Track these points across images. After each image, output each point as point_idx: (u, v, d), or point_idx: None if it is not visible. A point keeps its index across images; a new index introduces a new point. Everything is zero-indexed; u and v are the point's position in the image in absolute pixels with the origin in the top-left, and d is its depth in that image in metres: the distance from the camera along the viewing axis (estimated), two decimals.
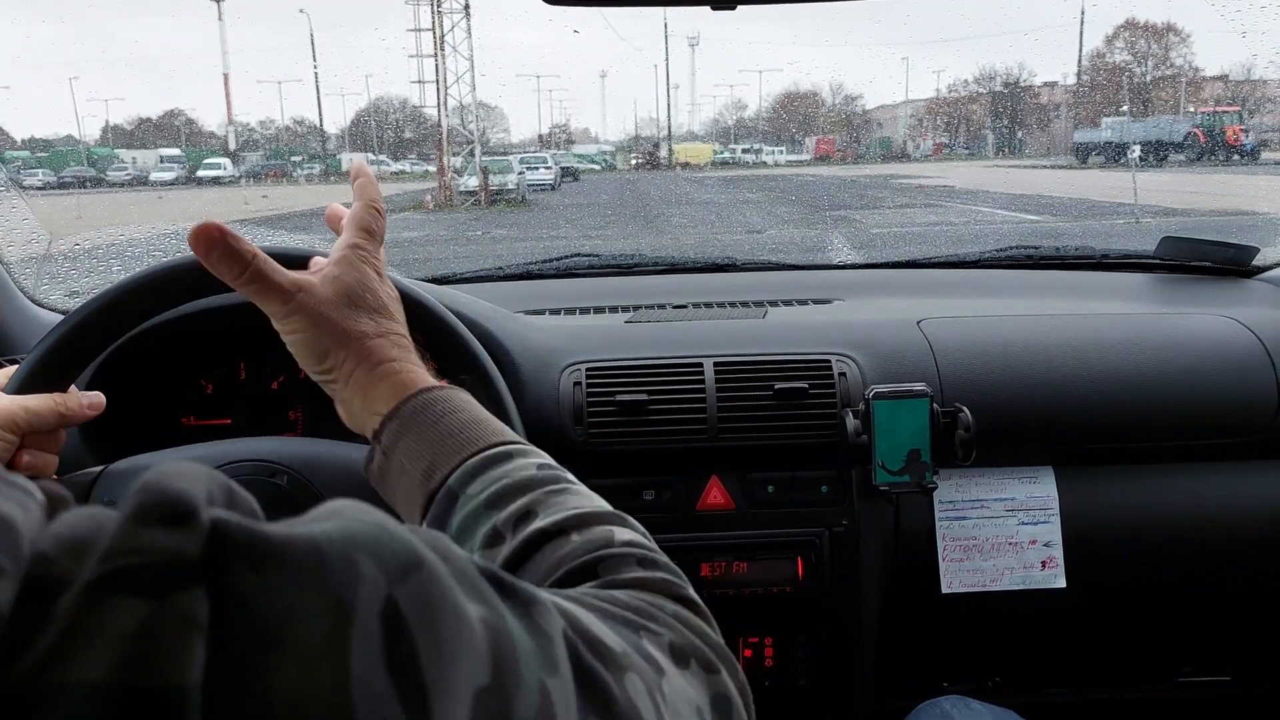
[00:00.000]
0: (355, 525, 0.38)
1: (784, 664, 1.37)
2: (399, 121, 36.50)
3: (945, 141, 41.19)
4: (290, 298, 0.76)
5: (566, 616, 0.47)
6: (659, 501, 1.33)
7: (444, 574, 0.39)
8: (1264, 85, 28.40)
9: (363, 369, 0.77)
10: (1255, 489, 1.42)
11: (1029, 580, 1.39)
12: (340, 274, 0.79)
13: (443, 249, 10.62)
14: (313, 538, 0.35)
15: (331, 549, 0.35)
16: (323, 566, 0.34)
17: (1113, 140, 25.80)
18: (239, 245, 0.73)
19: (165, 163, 27.77)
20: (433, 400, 0.74)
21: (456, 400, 0.75)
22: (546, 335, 1.40)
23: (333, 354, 0.77)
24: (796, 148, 42.24)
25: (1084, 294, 1.71)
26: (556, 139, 43.52)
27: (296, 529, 0.36)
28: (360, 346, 0.77)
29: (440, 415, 0.73)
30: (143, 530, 0.31)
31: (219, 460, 1.02)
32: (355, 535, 0.37)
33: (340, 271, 0.79)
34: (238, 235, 0.73)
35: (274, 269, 0.76)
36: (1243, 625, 1.56)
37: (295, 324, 0.77)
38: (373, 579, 0.35)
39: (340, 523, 0.38)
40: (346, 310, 0.78)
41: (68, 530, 0.32)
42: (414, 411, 0.73)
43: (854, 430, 1.27)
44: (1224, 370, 1.41)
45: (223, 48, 38.35)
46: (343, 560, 0.35)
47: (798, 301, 1.65)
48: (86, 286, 1.97)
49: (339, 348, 0.77)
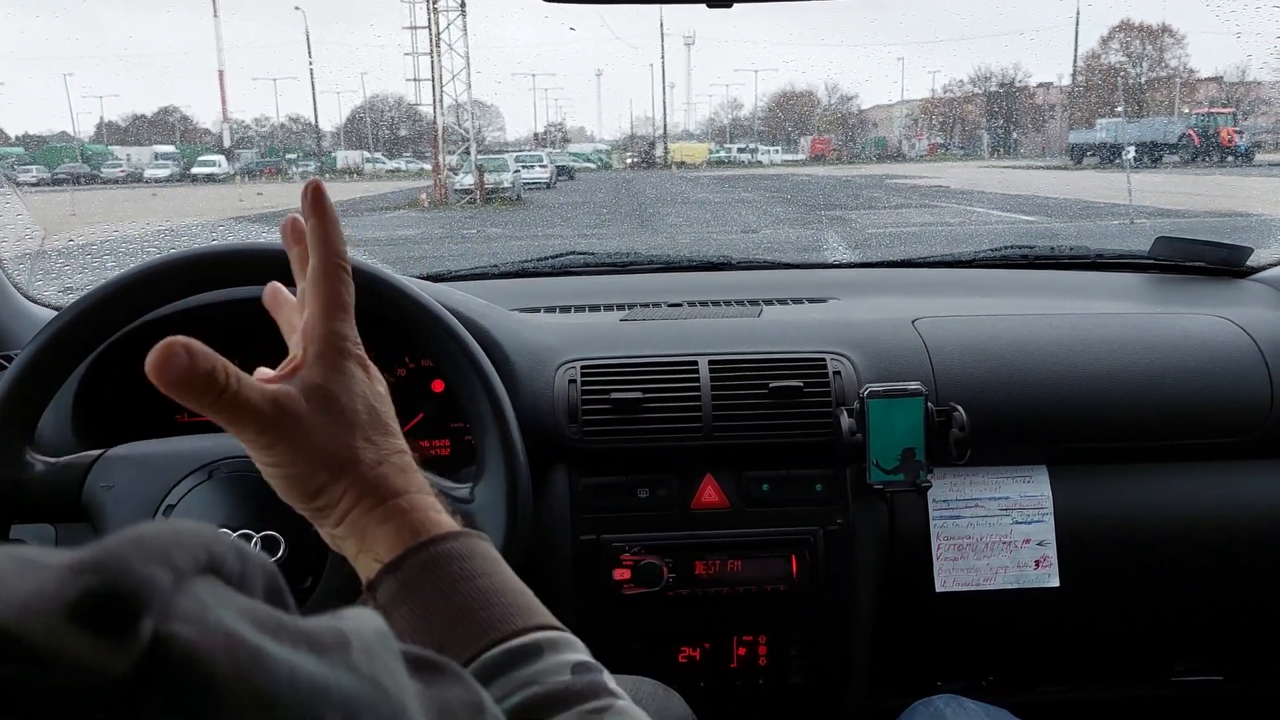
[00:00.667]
0: (346, 677, 0.31)
1: (778, 662, 1.37)
2: (394, 119, 36.48)
3: (940, 142, 41.27)
4: (271, 425, 0.61)
5: None
6: (653, 500, 1.33)
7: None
8: (1258, 87, 28.49)
9: (362, 507, 0.63)
10: (1249, 489, 1.42)
11: (1023, 579, 1.39)
12: (325, 382, 0.64)
13: (438, 247, 10.61)
14: (274, 680, 0.28)
15: (293, 702, 0.28)
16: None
17: (1107, 141, 25.85)
18: (209, 368, 0.57)
19: (160, 159, 27.73)
20: (446, 556, 0.60)
21: (476, 558, 0.61)
22: (541, 333, 1.40)
23: (327, 490, 0.63)
24: (792, 147, 42.30)
25: (1078, 294, 1.71)
26: (552, 137, 43.53)
27: (264, 657, 0.28)
28: (360, 479, 0.63)
29: (456, 580, 0.59)
30: (69, 629, 0.25)
31: (217, 454, 1.02)
32: (342, 689, 0.30)
33: (324, 379, 0.64)
34: (208, 352, 0.57)
35: (250, 392, 0.60)
36: (1236, 624, 1.57)
37: (279, 456, 0.62)
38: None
39: (333, 664, 0.31)
40: (339, 433, 0.63)
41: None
42: (423, 569, 0.59)
43: (848, 429, 1.27)
44: (1218, 370, 1.41)
45: (218, 44, 38.32)
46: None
47: (793, 300, 1.65)
48: (81, 283, 1.96)
49: (334, 482, 0.63)
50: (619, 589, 1.31)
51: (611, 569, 1.31)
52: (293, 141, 37.38)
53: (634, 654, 1.35)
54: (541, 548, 1.30)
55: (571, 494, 1.33)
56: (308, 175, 26.68)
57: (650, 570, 1.30)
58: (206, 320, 1.34)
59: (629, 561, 1.31)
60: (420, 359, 1.45)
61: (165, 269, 1.02)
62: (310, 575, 0.99)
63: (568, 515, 1.32)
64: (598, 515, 1.32)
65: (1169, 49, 34.67)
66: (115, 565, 0.27)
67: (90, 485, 1.00)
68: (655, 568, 1.30)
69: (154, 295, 1.04)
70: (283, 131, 38.65)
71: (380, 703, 0.31)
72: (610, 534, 1.32)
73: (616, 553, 1.31)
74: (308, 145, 35.96)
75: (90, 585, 0.26)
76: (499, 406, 1.04)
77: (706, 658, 1.37)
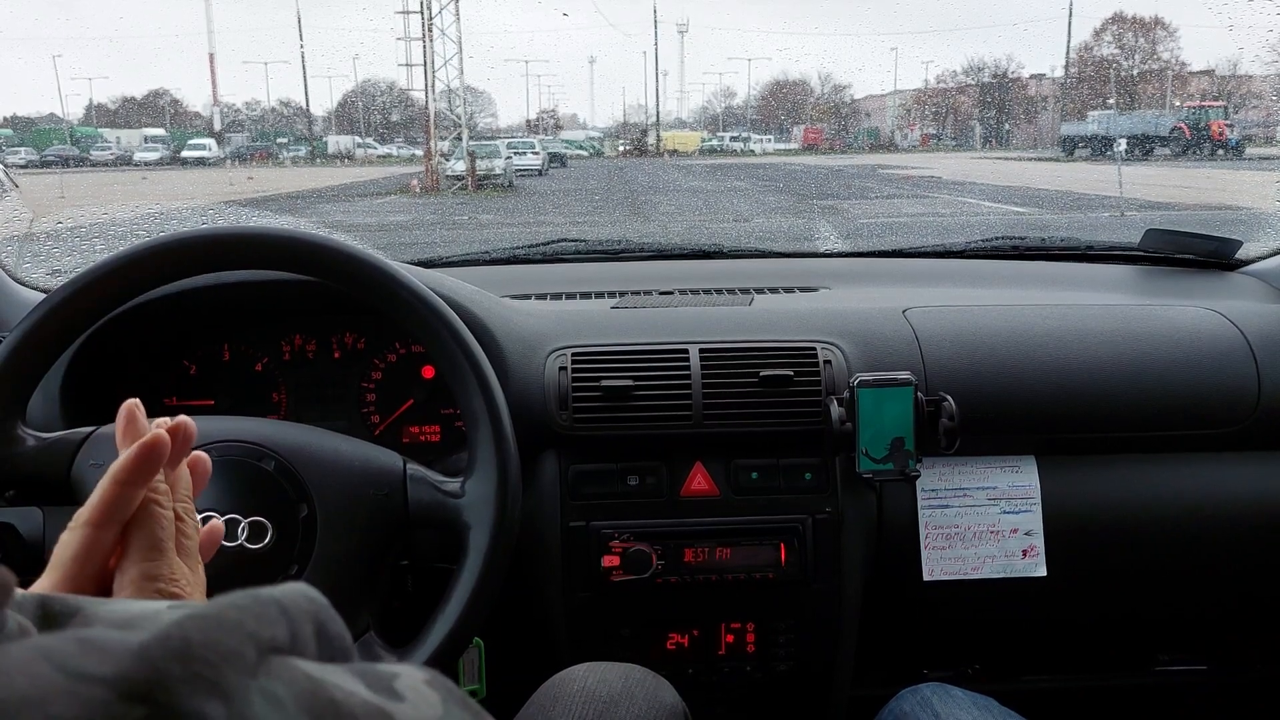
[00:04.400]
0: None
1: (766, 650, 1.38)
2: (386, 104, 36.33)
3: (933, 132, 41.29)
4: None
5: None
6: (643, 487, 1.33)
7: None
8: (1250, 80, 28.54)
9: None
10: (1235, 480, 1.43)
11: (1010, 569, 1.39)
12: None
13: (429, 233, 10.58)
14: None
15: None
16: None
17: (1099, 133, 25.91)
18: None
19: (149, 143, 27.58)
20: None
21: None
22: (532, 320, 1.40)
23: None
24: (784, 136, 42.29)
25: (1069, 285, 1.71)
26: (544, 124, 43.38)
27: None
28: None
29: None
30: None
31: (208, 438, 1.02)
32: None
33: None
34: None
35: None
36: (1221, 615, 1.58)
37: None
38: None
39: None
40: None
41: (1, 696, 0.25)
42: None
43: (838, 418, 1.27)
44: (1206, 362, 1.42)
45: (209, 26, 38.03)
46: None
47: (784, 289, 1.65)
48: (69, 265, 1.95)
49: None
50: (608, 576, 1.31)
51: (600, 556, 1.31)
52: (284, 125, 37.19)
53: (622, 641, 1.35)
54: (530, 534, 1.30)
55: (561, 481, 1.33)
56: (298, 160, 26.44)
57: (639, 557, 1.30)
58: (195, 304, 1.34)
59: (618, 549, 1.31)
60: (411, 344, 1.45)
61: (154, 252, 1.02)
62: (296, 564, 0.99)
63: (557, 502, 1.32)
64: (587, 502, 1.33)
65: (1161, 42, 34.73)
66: (163, 698, 0.26)
67: (80, 463, 1.00)
68: (644, 555, 1.30)
69: (143, 279, 1.03)
70: (273, 115, 38.45)
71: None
72: (599, 521, 1.32)
73: (605, 540, 1.31)
74: (299, 129, 35.79)
75: (138, 718, 0.26)
76: (492, 400, 1.04)
77: (695, 645, 1.38)
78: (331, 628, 0.36)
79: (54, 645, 0.28)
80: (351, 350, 1.46)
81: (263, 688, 0.29)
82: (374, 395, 1.45)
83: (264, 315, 1.45)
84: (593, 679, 1.01)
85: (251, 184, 17.29)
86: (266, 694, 0.29)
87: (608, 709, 0.97)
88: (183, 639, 0.28)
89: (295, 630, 0.33)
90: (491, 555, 1.00)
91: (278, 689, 0.29)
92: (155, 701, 0.26)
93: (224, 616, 0.30)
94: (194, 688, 0.27)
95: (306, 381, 1.46)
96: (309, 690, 0.30)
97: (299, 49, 36.11)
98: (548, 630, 1.34)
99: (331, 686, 0.31)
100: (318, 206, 13.52)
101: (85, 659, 0.27)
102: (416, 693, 0.36)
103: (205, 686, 0.27)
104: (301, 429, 1.08)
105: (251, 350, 1.46)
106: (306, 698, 0.30)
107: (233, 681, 0.28)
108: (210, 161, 25.52)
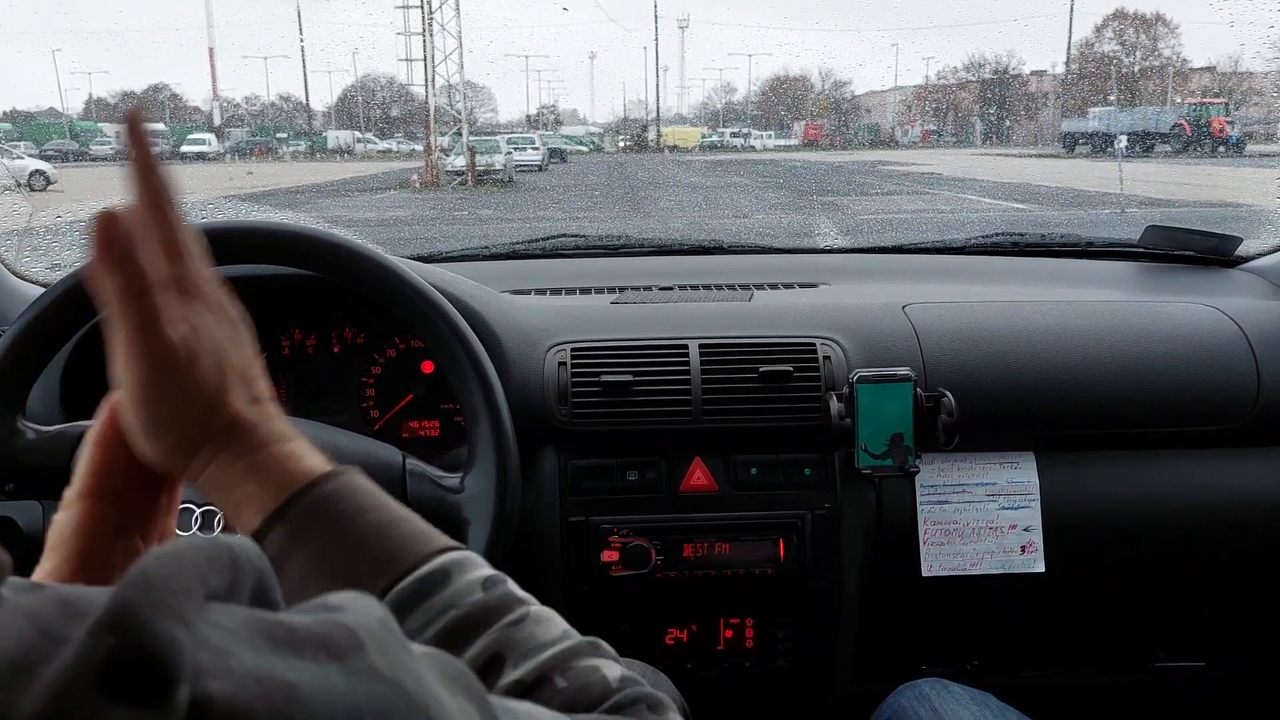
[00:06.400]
0: (374, 686, 0.32)
1: (765, 645, 1.38)
2: (386, 99, 36.31)
3: (933, 129, 41.28)
4: (162, 363, 0.56)
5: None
6: (642, 482, 1.33)
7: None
8: (1251, 77, 28.53)
9: (230, 455, 0.58)
10: (1233, 477, 1.43)
11: (1008, 565, 1.40)
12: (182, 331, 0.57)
13: (428, 228, 10.57)
14: (312, 714, 0.29)
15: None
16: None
17: (1100, 130, 25.91)
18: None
19: None
20: (333, 496, 0.57)
21: (361, 493, 0.58)
22: (532, 315, 1.40)
23: (188, 441, 0.58)
24: (785, 132, 42.30)
25: (1068, 281, 1.71)
26: (544, 120, 43.40)
27: (298, 692, 0.29)
28: (226, 429, 0.59)
29: (347, 518, 0.56)
30: (108, 707, 0.25)
31: None
32: (372, 702, 0.31)
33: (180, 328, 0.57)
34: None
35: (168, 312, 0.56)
36: (1219, 612, 1.58)
37: (156, 403, 0.58)
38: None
39: (358, 674, 0.32)
40: (206, 383, 0.58)
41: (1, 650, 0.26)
42: (311, 513, 0.56)
43: (837, 413, 1.28)
44: (1205, 359, 1.42)
45: (208, 21, 37.99)
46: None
47: (784, 285, 1.65)
48: (69, 260, 1.95)
49: (200, 434, 0.58)
50: (607, 571, 1.31)
51: (600, 551, 1.31)
52: (283, 120, 37.18)
53: (621, 636, 1.35)
54: (530, 529, 1.30)
55: (560, 476, 1.33)
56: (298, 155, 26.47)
57: (638, 552, 1.30)
58: None
59: (617, 544, 1.31)
60: (410, 339, 1.45)
61: None
62: None
63: (556, 497, 1.32)
64: (586, 497, 1.33)
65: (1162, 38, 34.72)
66: (132, 623, 0.27)
67: (80, 455, 1.00)
68: (643, 550, 1.31)
69: None
70: (273, 110, 38.46)
71: (409, 708, 0.32)
72: (599, 516, 1.32)
73: (605, 535, 1.31)
74: (298, 124, 35.79)
75: (112, 648, 0.26)
76: (491, 395, 1.04)
77: (694, 640, 1.38)
78: (271, 593, 0.37)
79: (35, 606, 0.29)
80: (351, 345, 1.46)
81: (210, 619, 0.30)
82: (373, 390, 1.45)
83: (263, 310, 1.45)
84: None
85: (251, 179, 17.30)
86: (215, 624, 0.30)
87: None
88: (143, 573, 0.29)
89: (236, 582, 0.34)
90: (490, 551, 1.00)
91: (223, 619, 0.30)
92: (124, 628, 0.27)
93: (182, 554, 0.31)
94: (158, 612, 0.28)
95: (306, 376, 1.46)
96: (252, 618, 0.32)
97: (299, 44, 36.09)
98: None
99: (270, 616, 0.32)
100: (318, 202, 13.53)
101: (65, 619, 0.28)
102: (352, 601, 0.37)
103: (168, 612, 0.28)
104: (300, 424, 1.08)
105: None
106: (253, 622, 0.31)
107: (189, 612, 0.29)
108: (210, 156, 25.49)
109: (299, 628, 0.32)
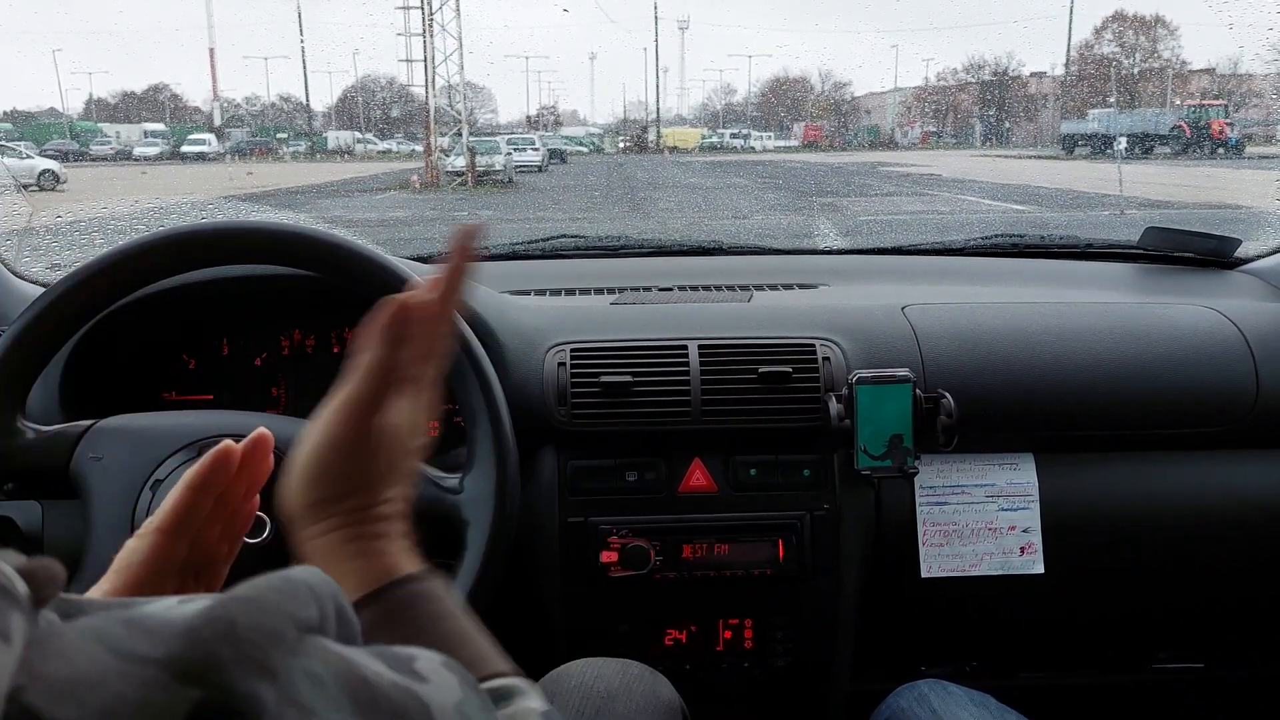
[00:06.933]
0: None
1: (764, 646, 1.38)
2: (386, 100, 36.32)
3: (933, 130, 41.30)
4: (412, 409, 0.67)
5: None
6: (641, 483, 1.33)
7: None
8: (1250, 79, 28.55)
9: (347, 533, 0.63)
10: (1232, 478, 1.43)
11: (1008, 566, 1.40)
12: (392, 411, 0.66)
13: (428, 229, 10.56)
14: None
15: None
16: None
17: (1099, 132, 25.92)
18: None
19: (149, 137, 27.59)
20: (424, 596, 0.60)
21: (447, 600, 0.62)
22: (531, 315, 1.40)
23: (334, 501, 0.64)
24: (785, 133, 42.31)
25: (1068, 282, 1.71)
26: (544, 120, 43.38)
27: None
28: (358, 507, 0.64)
29: (434, 618, 0.59)
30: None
31: (206, 431, 1.02)
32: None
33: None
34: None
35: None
36: (1218, 613, 1.58)
37: (348, 446, 0.65)
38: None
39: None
40: (379, 456, 0.65)
41: (63, 675, 0.26)
42: (403, 604, 0.60)
43: (837, 414, 1.28)
44: (1204, 360, 1.42)
45: (209, 21, 37.93)
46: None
47: (783, 286, 1.65)
48: (69, 260, 1.95)
49: (343, 497, 0.64)
50: (606, 571, 1.31)
51: (599, 551, 1.31)
52: (284, 121, 37.20)
53: (620, 636, 1.36)
54: (529, 530, 1.30)
55: (560, 476, 1.33)
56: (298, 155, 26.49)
57: (637, 553, 1.30)
58: (195, 299, 1.34)
59: (616, 544, 1.31)
60: None
61: (154, 247, 1.02)
62: (294, 559, 0.99)
63: (555, 498, 1.32)
64: (586, 498, 1.33)
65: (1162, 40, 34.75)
66: (217, 680, 0.27)
67: (79, 456, 1.00)
68: (642, 551, 1.31)
69: (142, 273, 1.03)
70: (273, 111, 38.46)
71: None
72: (598, 516, 1.32)
73: (604, 535, 1.31)
74: (299, 125, 35.79)
75: (197, 702, 0.26)
76: (491, 395, 1.04)
77: (693, 641, 1.38)
78: (347, 611, 0.38)
79: (103, 627, 0.29)
80: (351, 345, 1.46)
81: (304, 667, 0.30)
82: None
83: (263, 310, 1.45)
84: (590, 674, 1.01)
85: (251, 179, 17.30)
86: (308, 673, 0.30)
87: (605, 705, 0.97)
88: (228, 620, 0.29)
89: (323, 611, 0.34)
90: (490, 551, 1.00)
91: (316, 668, 0.31)
92: (209, 683, 0.27)
93: (265, 599, 0.32)
94: (245, 669, 0.28)
95: (306, 376, 1.46)
96: (344, 669, 0.32)
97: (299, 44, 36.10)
98: (546, 626, 1.34)
99: (360, 666, 0.33)
100: (317, 202, 13.51)
101: (134, 640, 0.28)
102: (437, 674, 0.38)
103: (254, 668, 0.28)
104: (300, 424, 1.08)
105: (251, 345, 1.46)
106: (343, 676, 0.31)
107: (278, 662, 0.29)
108: (210, 156, 25.50)
109: (382, 693, 0.33)
